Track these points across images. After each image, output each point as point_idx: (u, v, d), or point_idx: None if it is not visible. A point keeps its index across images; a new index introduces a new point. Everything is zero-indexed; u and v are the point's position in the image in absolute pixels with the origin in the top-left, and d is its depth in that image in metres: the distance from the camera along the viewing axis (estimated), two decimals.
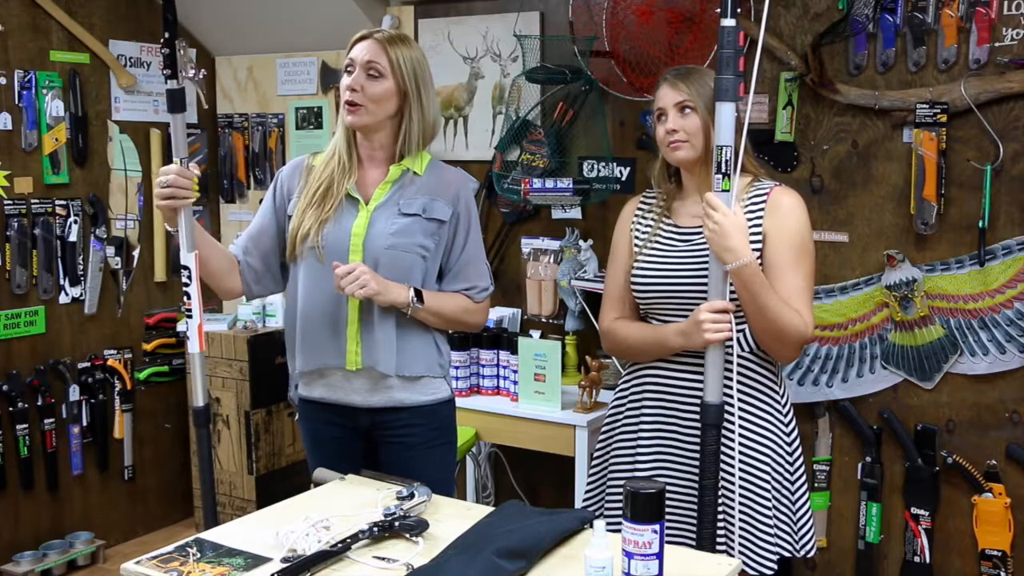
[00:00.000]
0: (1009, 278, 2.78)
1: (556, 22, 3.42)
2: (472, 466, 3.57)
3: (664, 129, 2.19)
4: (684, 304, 2.18)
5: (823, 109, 2.98)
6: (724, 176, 2.08)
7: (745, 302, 2.09)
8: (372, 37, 2.24)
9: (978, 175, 2.76)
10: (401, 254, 2.22)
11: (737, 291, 2.08)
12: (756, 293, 2.06)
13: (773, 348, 2.17)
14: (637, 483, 1.63)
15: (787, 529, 2.20)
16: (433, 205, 2.25)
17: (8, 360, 3.67)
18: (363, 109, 2.20)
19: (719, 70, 2.06)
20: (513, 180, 3.40)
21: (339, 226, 2.22)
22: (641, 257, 2.25)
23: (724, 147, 2.06)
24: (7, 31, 3.60)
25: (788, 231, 2.15)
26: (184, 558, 1.77)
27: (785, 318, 2.09)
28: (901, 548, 2.98)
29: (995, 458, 2.84)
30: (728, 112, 2.05)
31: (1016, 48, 2.71)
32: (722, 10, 2.05)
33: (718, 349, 2.09)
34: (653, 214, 2.30)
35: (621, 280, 2.29)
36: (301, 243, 2.23)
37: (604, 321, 2.33)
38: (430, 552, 1.77)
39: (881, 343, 2.97)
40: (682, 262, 2.19)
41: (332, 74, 3.97)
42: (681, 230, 2.24)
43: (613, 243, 2.36)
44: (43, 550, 3.75)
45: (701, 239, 2.17)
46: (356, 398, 2.29)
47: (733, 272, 2.05)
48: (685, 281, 2.18)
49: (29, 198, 3.69)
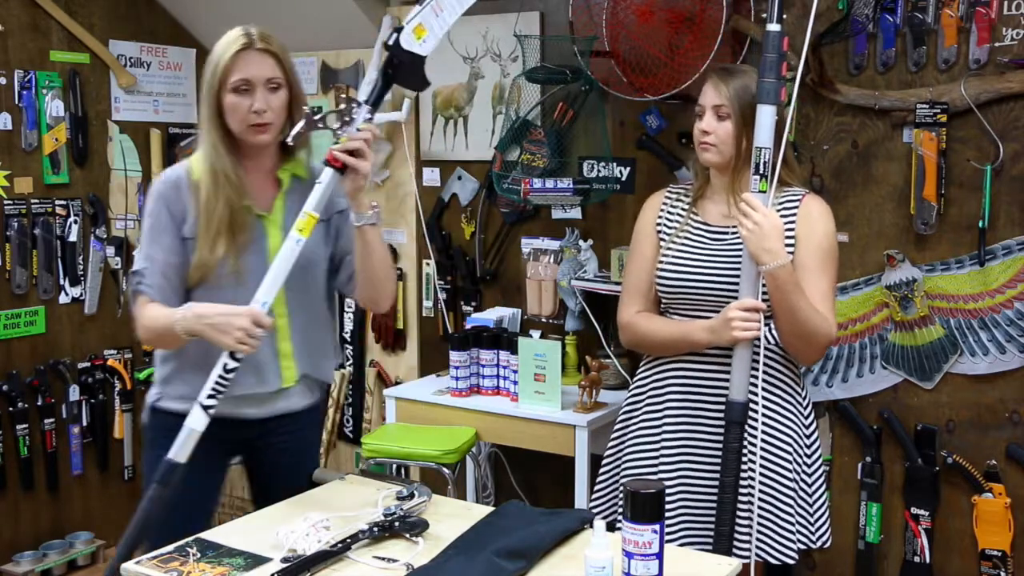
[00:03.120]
0: (1009, 278, 2.78)
1: (556, 22, 3.42)
2: (472, 466, 3.57)
3: (699, 128, 2.21)
4: (710, 301, 2.19)
5: (823, 109, 2.98)
6: (762, 177, 2.10)
7: (777, 302, 2.10)
8: (255, 48, 2.10)
9: (978, 175, 2.76)
10: (313, 268, 2.18)
11: (770, 292, 2.10)
12: (789, 294, 2.08)
13: (799, 349, 2.19)
14: (637, 483, 1.63)
15: (805, 521, 2.24)
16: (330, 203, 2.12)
17: (8, 360, 3.67)
18: (272, 127, 2.11)
19: (762, 73, 2.08)
20: (513, 180, 3.40)
21: (257, 247, 2.11)
22: (670, 251, 2.25)
23: (763, 149, 2.08)
24: (7, 31, 3.60)
25: (818, 236, 2.19)
26: (184, 558, 1.77)
27: (815, 321, 2.12)
28: (901, 548, 2.98)
29: (995, 458, 2.83)
30: (768, 114, 2.08)
31: (1016, 48, 2.71)
32: (768, 15, 2.08)
33: (746, 347, 2.11)
34: (680, 209, 2.30)
35: (645, 273, 2.29)
36: (218, 268, 2.07)
37: (625, 314, 2.33)
38: (430, 552, 1.77)
39: (881, 343, 2.97)
40: (711, 259, 2.21)
41: (332, 74, 3.97)
42: (712, 228, 2.26)
43: (636, 235, 2.36)
44: (43, 550, 3.75)
45: (732, 238, 2.19)
46: (249, 411, 2.20)
47: (769, 273, 2.07)
48: (713, 278, 2.19)
49: (29, 198, 3.69)
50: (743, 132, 2.16)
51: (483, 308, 3.66)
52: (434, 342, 3.82)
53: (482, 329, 3.32)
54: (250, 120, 2.08)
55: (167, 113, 4.16)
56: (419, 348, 3.88)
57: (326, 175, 1.98)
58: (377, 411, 3.94)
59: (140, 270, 2.10)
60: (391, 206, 3.87)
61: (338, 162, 1.97)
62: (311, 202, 1.98)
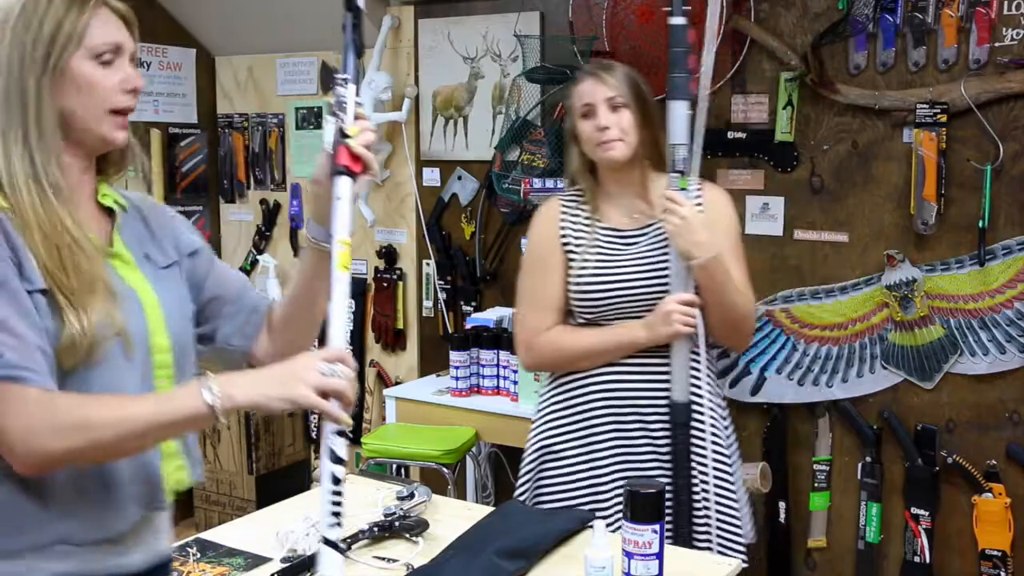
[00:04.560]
0: (1009, 278, 2.78)
1: (556, 22, 3.42)
2: (472, 466, 3.57)
3: (594, 126, 2.09)
4: (638, 308, 2.14)
5: (823, 109, 2.98)
6: (680, 174, 2.09)
7: (712, 294, 2.09)
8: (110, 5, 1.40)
9: (978, 175, 2.76)
10: (187, 349, 1.50)
11: (703, 285, 2.08)
12: (722, 284, 2.08)
13: (731, 338, 2.20)
14: (637, 483, 1.63)
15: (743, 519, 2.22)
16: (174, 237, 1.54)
17: None
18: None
19: (670, 68, 2.05)
20: (513, 180, 3.40)
21: (127, 298, 1.39)
22: (588, 264, 2.15)
23: (679, 145, 2.07)
24: None
25: (726, 222, 2.18)
26: (184, 558, 1.77)
27: (748, 306, 2.14)
28: (901, 548, 2.98)
29: (995, 458, 2.83)
30: (680, 110, 2.06)
31: (1016, 48, 2.71)
32: (672, 9, 2.04)
33: (683, 347, 2.10)
34: (581, 218, 2.21)
35: (556, 287, 2.17)
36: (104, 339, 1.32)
37: (536, 331, 2.18)
38: (430, 552, 1.77)
39: (881, 343, 2.97)
40: (632, 265, 2.15)
41: (332, 74, 3.97)
42: (623, 232, 2.18)
43: (537, 249, 2.23)
44: None
45: (648, 239, 2.17)
46: (137, 557, 1.41)
47: (702, 266, 2.05)
48: (639, 284, 2.14)
49: None
50: (643, 120, 2.10)
51: (483, 308, 3.66)
52: (434, 342, 3.82)
53: (482, 329, 3.32)
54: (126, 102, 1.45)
55: (167, 113, 4.16)
56: (419, 348, 3.88)
57: (344, 187, 1.41)
58: (377, 411, 3.94)
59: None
60: (391, 206, 3.88)
61: (359, 164, 1.43)
62: (343, 226, 1.40)
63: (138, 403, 1.31)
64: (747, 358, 3.12)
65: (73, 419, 1.25)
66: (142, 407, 1.30)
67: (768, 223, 3.09)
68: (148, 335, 1.40)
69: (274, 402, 1.31)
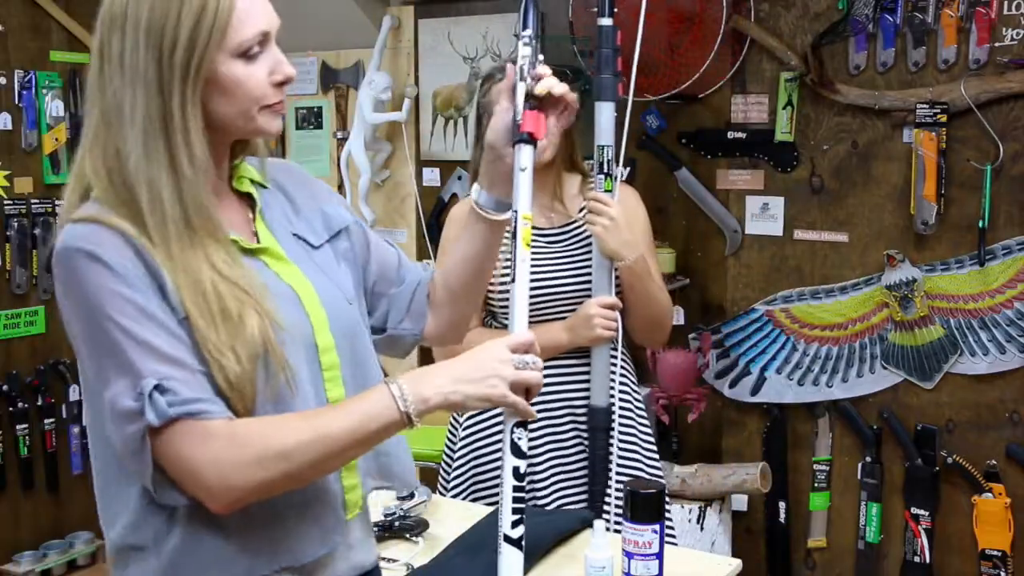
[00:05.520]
0: (1009, 278, 2.78)
1: (556, 22, 3.42)
2: None
3: None
4: (558, 309, 2.14)
5: (823, 109, 2.98)
6: (607, 176, 2.10)
7: (636, 293, 2.10)
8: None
9: (978, 175, 2.76)
10: (360, 331, 1.38)
11: (627, 284, 2.09)
12: (646, 283, 2.10)
13: (652, 335, 2.22)
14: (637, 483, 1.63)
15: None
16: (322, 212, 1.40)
17: (8, 360, 3.67)
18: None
19: (598, 70, 2.06)
20: None
21: (284, 298, 1.26)
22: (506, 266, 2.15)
23: (605, 147, 2.08)
24: (7, 31, 3.60)
25: (641, 220, 2.21)
26: None
27: (668, 304, 2.17)
28: (901, 548, 2.98)
29: (995, 458, 2.83)
30: (608, 111, 2.07)
31: (1016, 48, 2.71)
32: (599, 9, 2.05)
33: (603, 351, 2.11)
34: None
35: None
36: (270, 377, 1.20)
37: None
38: (430, 552, 1.77)
39: (881, 343, 2.97)
40: (556, 265, 2.15)
41: (332, 74, 3.97)
42: (544, 231, 2.17)
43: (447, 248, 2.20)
44: (43, 550, 3.75)
45: (569, 238, 2.17)
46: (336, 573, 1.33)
47: (627, 267, 2.05)
48: (564, 283, 2.14)
49: (29, 198, 3.69)
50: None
51: None
52: None
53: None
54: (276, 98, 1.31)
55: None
56: (419, 348, 3.87)
57: (527, 157, 1.32)
58: None
59: (163, 383, 1.13)
60: (391, 206, 3.87)
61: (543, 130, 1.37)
62: (526, 200, 1.32)
63: (329, 420, 1.19)
64: (747, 358, 3.13)
65: (268, 448, 1.14)
66: (335, 423, 1.18)
67: (768, 223, 3.09)
68: (313, 336, 1.27)
69: (471, 401, 1.22)
